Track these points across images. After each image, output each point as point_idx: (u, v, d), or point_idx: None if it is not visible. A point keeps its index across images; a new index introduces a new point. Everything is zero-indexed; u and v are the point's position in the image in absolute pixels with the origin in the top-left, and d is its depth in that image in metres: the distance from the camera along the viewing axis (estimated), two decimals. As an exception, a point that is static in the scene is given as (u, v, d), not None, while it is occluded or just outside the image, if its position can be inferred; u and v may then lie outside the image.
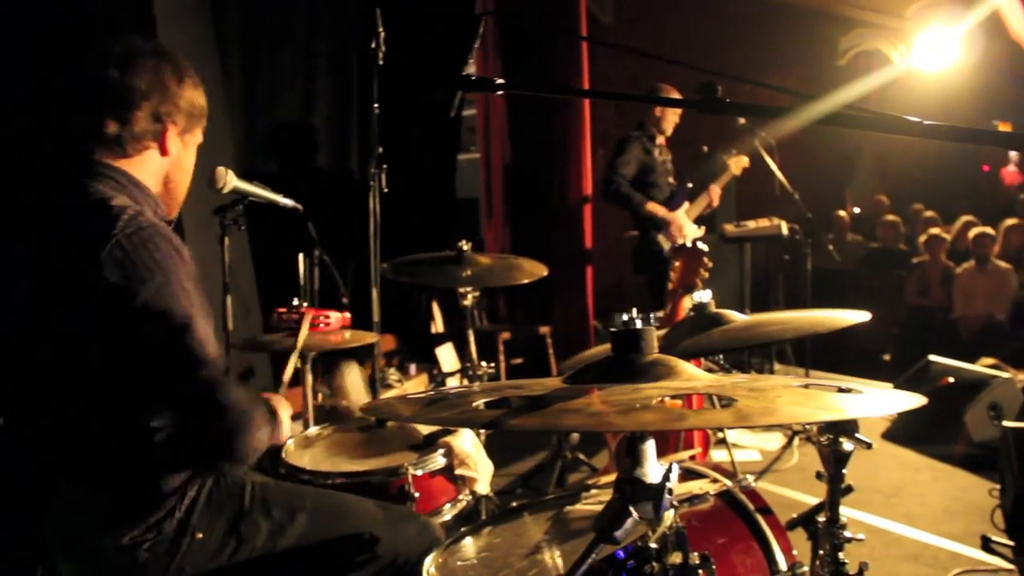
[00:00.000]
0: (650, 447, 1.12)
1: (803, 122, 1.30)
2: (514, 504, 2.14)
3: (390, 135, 5.46)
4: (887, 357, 8.24)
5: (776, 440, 5.29)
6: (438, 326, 6.16)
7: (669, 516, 1.62)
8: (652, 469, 1.13)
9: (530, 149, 6.80)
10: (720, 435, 4.74)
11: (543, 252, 5.38)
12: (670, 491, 1.12)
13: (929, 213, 10.30)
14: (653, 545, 1.53)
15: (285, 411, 2.07)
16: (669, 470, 1.12)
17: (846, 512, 4.39)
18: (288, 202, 2.97)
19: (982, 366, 5.77)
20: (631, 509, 1.10)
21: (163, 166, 1.94)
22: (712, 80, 4.41)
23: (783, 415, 1.00)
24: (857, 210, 12.21)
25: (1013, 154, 12.70)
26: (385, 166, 3.49)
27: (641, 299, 5.47)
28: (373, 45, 3.31)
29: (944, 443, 5.29)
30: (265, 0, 5.12)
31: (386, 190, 3.50)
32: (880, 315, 8.43)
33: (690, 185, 5.78)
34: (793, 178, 6.52)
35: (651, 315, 1.21)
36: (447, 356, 5.72)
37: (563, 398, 1.06)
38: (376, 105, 3.48)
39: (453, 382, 5.37)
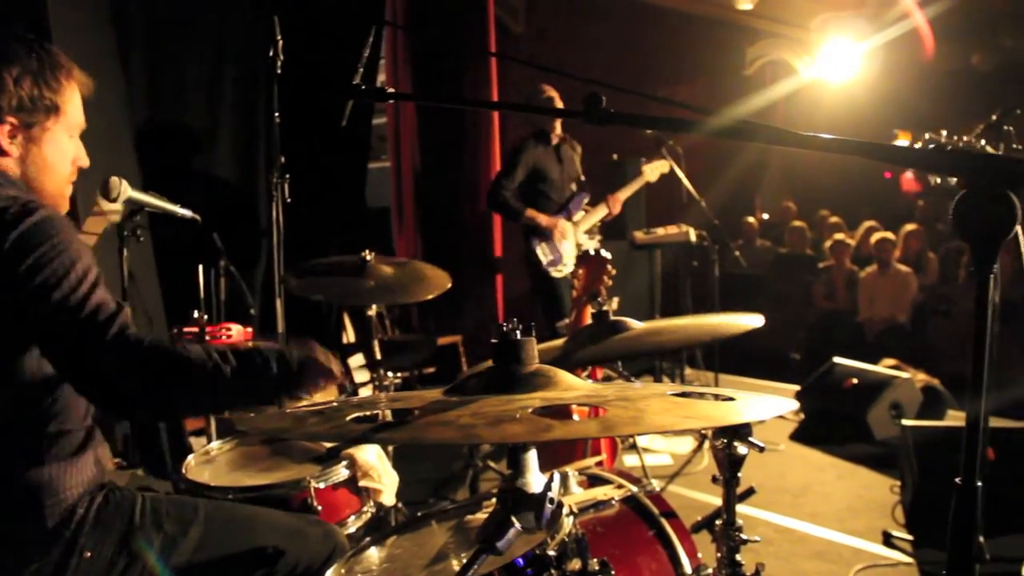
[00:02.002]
0: (532, 457, 1.12)
1: (694, 134, 1.32)
2: (419, 513, 2.12)
3: (298, 144, 5.37)
4: (796, 359, 8.44)
5: (687, 444, 5.36)
6: (349, 336, 6.10)
7: (568, 523, 1.63)
8: (534, 479, 1.13)
9: (440, 158, 6.80)
10: (631, 440, 4.78)
11: (454, 261, 5.38)
12: (552, 500, 1.12)
13: (834, 219, 10.57)
14: (552, 552, 1.53)
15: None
16: (551, 479, 1.12)
17: (754, 513, 4.51)
18: (186, 212, 2.91)
19: (884, 366, 5.96)
20: (513, 519, 1.10)
21: (10, 166, 1.85)
22: (597, 91, 4.43)
23: (649, 424, 1.01)
24: (766, 216, 12.49)
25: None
26: (288, 176, 3.43)
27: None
28: (271, 54, 3.27)
29: (849, 443, 5.45)
30: (169, 7, 5.00)
31: (289, 200, 3.45)
32: (789, 318, 8.62)
33: (587, 197, 5.66)
34: (703, 185, 6.62)
35: (531, 325, 1.21)
36: (359, 366, 5.66)
37: (436, 410, 1.05)
38: (277, 114, 3.43)
39: (365, 393, 5.32)
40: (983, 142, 2.84)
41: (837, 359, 6.12)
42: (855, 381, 5.80)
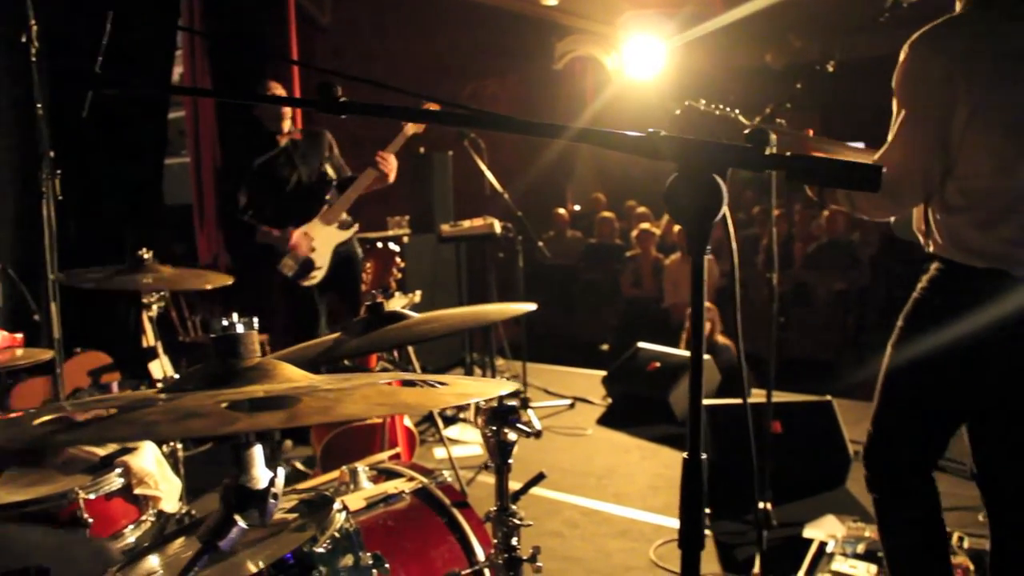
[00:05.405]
0: (256, 453, 1.10)
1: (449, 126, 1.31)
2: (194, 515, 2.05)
3: (87, 138, 5.05)
4: (606, 346, 8.69)
5: (498, 433, 5.42)
6: (150, 339, 5.83)
7: (340, 519, 1.61)
8: (260, 475, 1.10)
9: (242, 153, 6.58)
10: (439, 434, 4.80)
11: (260, 258, 5.20)
12: (275, 496, 1.10)
13: (642, 209, 10.93)
14: (321, 549, 1.50)
15: None
16: (275, 475, 1.10)
17: (561, 496, 4.61)
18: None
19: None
20: (236, 518, 1.07)
21: None
22: (331, 80, 4.30)
23: (337, 413, 1.00)
24: (577, 208, 12.79)
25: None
26: (59, 171, 3.22)
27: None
28: (24, 40, 3.05)
29: (652, 424, 5.65)
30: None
31: (60, 197, 3.24)
32: (599, 307, 8.84)
33: (334, 182, 4.99)
34: (514, 177, 6.68)
35: (254, 319, 1.18)
36: (160, 370, 5.42)
37: (133, 408, 1.01)
38: (39, 106, 3.21)
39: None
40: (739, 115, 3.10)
41: (641, 344, 6.33)
42: (658, 365, 6.02)
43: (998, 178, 2.30)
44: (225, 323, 1.14)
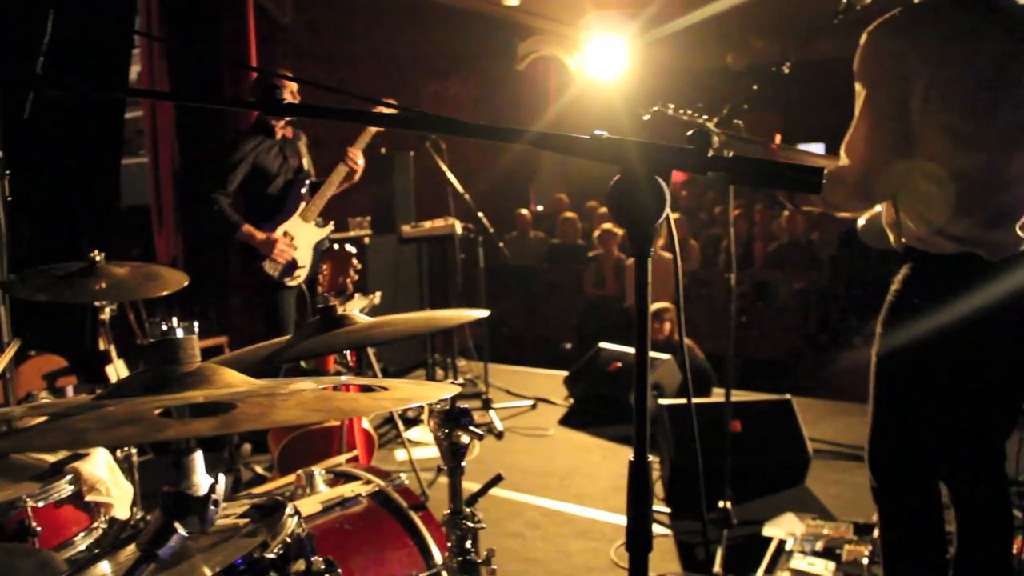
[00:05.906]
0: (197, 459, 1.08)
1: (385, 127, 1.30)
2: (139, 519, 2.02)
3: (40, 137, 4.97)
4: (569, 345, 8.70)
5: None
6: (107, 342, 5.76)
7: (292, 523, 1.59)
8: (201, 481, 1.09)
9: (201, 153, 6.52)
10: (401, 438, 4.79)
11: (219, 260, 5.17)
12: (216, 502, 1.09)
13: (604, 209, 10.95)
14: (271, 555, 1.49)
15: None
16: (216, 481, 1.09)
17: (523, 497, 4.60)
18: None
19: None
20: (176, 525, 1.05)
21: None
22: (274, 82, 4.33)
23: (272, 419, 1.00)
24: (540, 208, 12.81)
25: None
26: (8, 172, 3.16)
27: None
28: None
29: (614, 424, 5.66)
30: None
31: (10, 198, 3.19)
32: (562, 307, 8.85)
33: (304, 186, 4.84)
34: (477, 178, 6.65)
35: (195, 324, 1.16)
36: (116, 374, 5.37)
37: (66, 415, 0.99)
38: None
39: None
40: (707, 120, 3.15)
41: (603, 344, 6.35)
42: (619, 365, 6.04)
43: (960, 159, 2.31)
44: (165, 328, 1.12)
